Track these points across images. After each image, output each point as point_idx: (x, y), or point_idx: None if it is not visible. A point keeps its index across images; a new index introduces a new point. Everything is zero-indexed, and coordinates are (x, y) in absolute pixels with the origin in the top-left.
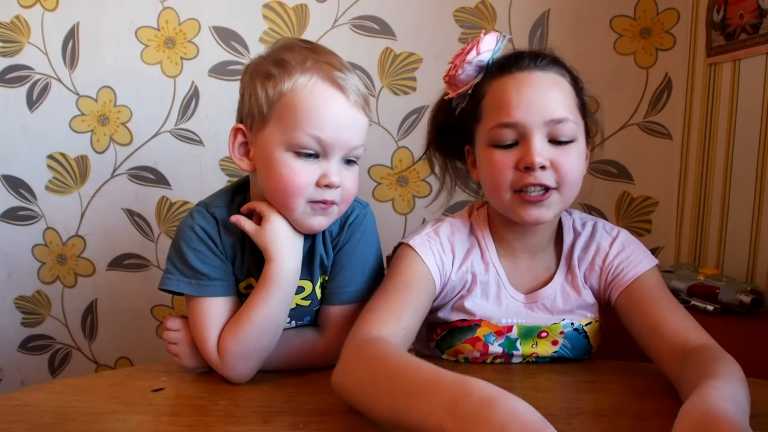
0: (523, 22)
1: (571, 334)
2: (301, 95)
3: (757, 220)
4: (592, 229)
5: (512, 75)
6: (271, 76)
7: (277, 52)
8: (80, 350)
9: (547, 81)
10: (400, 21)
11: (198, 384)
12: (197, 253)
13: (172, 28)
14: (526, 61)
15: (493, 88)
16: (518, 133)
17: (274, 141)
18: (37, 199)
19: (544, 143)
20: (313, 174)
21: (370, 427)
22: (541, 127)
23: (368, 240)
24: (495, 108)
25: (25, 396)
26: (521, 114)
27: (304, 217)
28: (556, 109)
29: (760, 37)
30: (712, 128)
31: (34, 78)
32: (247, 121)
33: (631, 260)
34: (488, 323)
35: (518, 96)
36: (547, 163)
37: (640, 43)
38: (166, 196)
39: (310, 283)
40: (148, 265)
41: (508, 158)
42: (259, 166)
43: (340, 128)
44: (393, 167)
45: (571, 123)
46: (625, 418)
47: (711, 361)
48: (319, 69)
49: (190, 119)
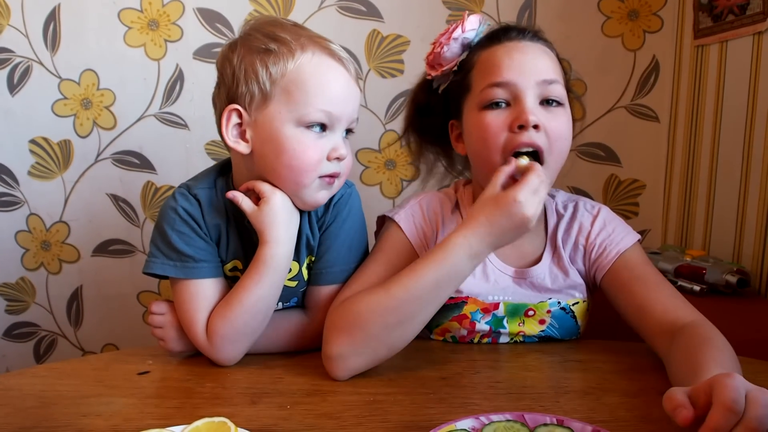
0: (510, 4)
1: (559, 314)
2: (307, 70)
3: (743, 202)
4: (573, 209)
5: (502, 44)
6: (270, 52)
7: (265, 28)
8: (66, 337)
9: (535, 48)
10: (387, 3)
11: (184, 367)
12: (181, 235)
13: (155, 9)
14: (514, 32)
15: (482, 57)
16: (510, 93)
17: (282, 118)
18: (19, 184)
19: (536, 104)
20: (324, 147)
21: (356, 406)
22: (533, 87)
23: (354, 219)
24: (486, 72)
25: (9, 380)
26: (513, 74)
27: (313, 192)
28: (547, 71)
29: (747, 18)
30: (699, 110)
31: (15, 61)
32: (243, 101)
33: (612, 238)
34: (475, 300)
35: (509, 59)
36: (540, 123)
37: (628, 26)
38: (152, 181)
39: (296, 264)
40: (133, 251)
41: (500, 119)
42: (262, 146)
43: (347, 101)
44: (381, 150)
45: (561, 86)
46: (613, 396)
47: (700, 344)
48: (316, 44)
49: (174, 103)
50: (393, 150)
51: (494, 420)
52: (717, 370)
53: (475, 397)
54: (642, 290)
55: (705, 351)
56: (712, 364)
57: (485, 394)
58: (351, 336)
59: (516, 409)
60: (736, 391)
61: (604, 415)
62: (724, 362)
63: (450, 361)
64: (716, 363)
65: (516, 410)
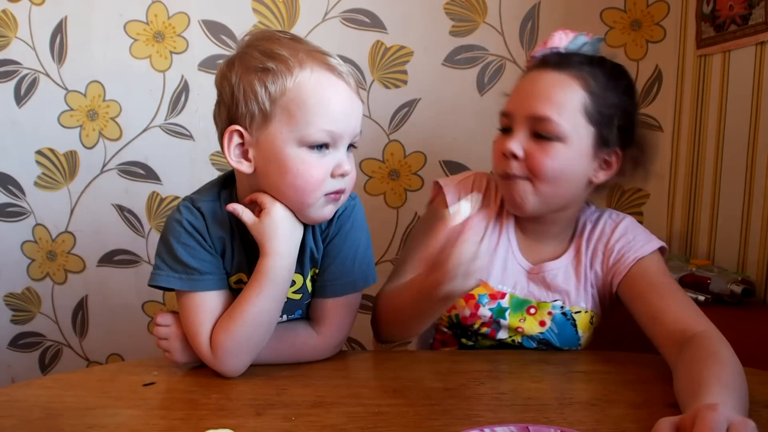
0: (513, 15)
1: (559, 318)
2: (306, 89)
3: (748, 211)
4: (597, 217)
5: (531, 71)
6: (269, 71)
7: (262, 45)
8: (71, 347)
9: (551, 80)
10: (390, 14)
11: (189, 378)
12: (186, 248)
13: (161, 22)
14: (551, 59)
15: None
16: (510, 122)
17: (284, 138)
18: (25, 195)
19: (524, 135)
20: (328, 166)
21: (360, 418)
22: (523, 119)
23: (358, 231)
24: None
25: (15, 391)
26: (512, 105)
27: (318, 209)
28: (541, 107)
29: (749, 28)
30: (703, 120)
31: (22, 73)
32: (244, 121)
33: (632, 245)
34: (485, 284)
35: (518, 89)
36: (520, 153)
37: (631, 36)
38: (157, 192)
39: (300, 277)
40: (138, 261)
41: (500, 143)
42: (265, 166)
43: (349, 117)
44: (384, 161)
45: (554, 124)
46: (617, 407)
47: (705, 358)
48: (315, 58)
49: (180, 114)
50: (397, 160)
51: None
52: (717, 390)
53: (479, 409)
54: (655, 299)
55: (709, 366)
56: (714, 382)
57: (489, 405)
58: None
59: (520, 420)
60: (717, 425)
61: (609, 426)
62: (727, 380)
63: (454, 373)
64: (718, 381)
65: (520, 422)
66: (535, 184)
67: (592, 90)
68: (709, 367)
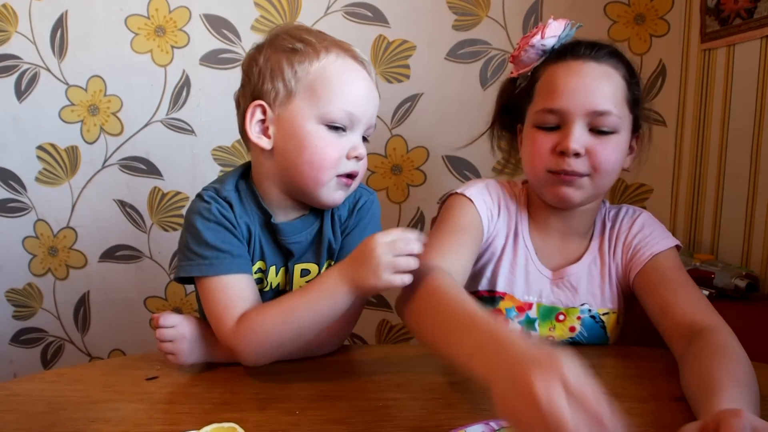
0: (517, 9)
1: (588, 321)
2: (332, 69)
3: (752, 206)
4: (616, 213)
5: (566, 62)
6: (297, 51)
7: (293, 31)
8: (73, 343)
9: (597, 72)
10: (393, 8)
11: (193, 372)
12: (216, 233)
13: (162, 16)
14: (582, 49)
15: (546, 72)
16: (560, 118)
17: (305, 114)
18: (27, 190)
19: (583, 131)
20: (344, 146)
21: (365, 412)
22: (582, 116)
23: (374, 228)
24: (544, 92)
25: (17, 386)
26: (565, 102)
27: (330, 191)
28: (601, 101)
29: (754, 21)
30: (707, 114)
31: (23, 68)
32: (267, 98)
33: (649, 240)
34: (511, 297)
35: (566, 84)
36: (582, 151)
37: (635, 30)
38: (158, 187)
39: (316, 266)
40: (140, 257)
41: (548, 141)
42: (284, 142)
43: (368, 104)
44: (387, 156)
45: (614, 116)
46: (623, 401)
47: (714, 353)
48: (340, 47)
49: (181, 109)
50: (399, 155)
51: (504, 425)
52: (732, 390)
53: (485, 403)
54: (667, 292)
55: (721, 362)
56: (727, 381)
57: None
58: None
59: None
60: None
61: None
62: (740, 377)
63: None
64: (732, 379)
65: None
66: (594, 179)
67: (625, 77)
68: (721, 363)
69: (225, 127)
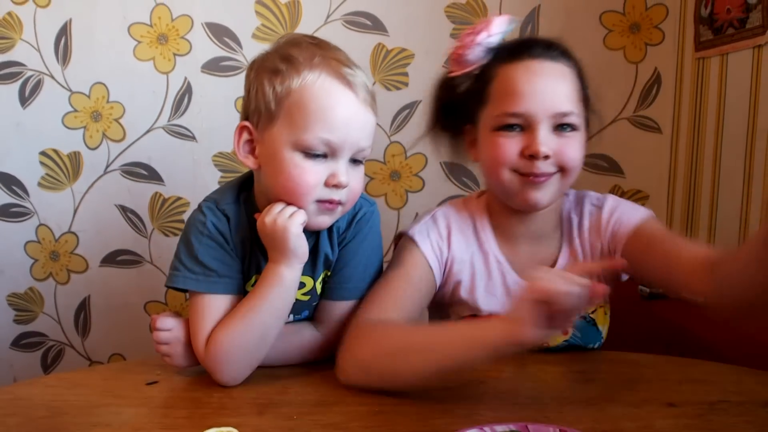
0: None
1: (579, 323)
2: (310, 93)
3: (746, 212)
4: (580, 206)
5: (523, 62)
6: (279, 72)
7: (284, 48)
8: (73, 347)
9: (555, 72)
10: (392, 17)
11: (192, 377)
12: (208, 249)
13: (164, 24)
14: (539, 49)
15: (502, 73)
16: (525, 121)
17: (282, 140)
18: (29, 195)
19: (548, 132)
20: (322, 173)
21: (362, 417)
22: (547, 117)
23: (373, 239)
24: (504, 95)
25: (19, 390)
26: (529, 104)
27: (310, 216)
28: (563, 102)
29: (747, 31)
30: (701, 122)
31: (27, 74)
32: (254, 119)
33: (623, 218)
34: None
35: (528, 85)
36: (551, 153)
37: (630, 38)
38: (159, 192)
39: (311, 280)
40: (141, 262)
41: (513, 144)
42: (266, 164)
43: (350, 129)
44: (386, 162)
45: (575, 115)
46: (616, 406)
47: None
48: (327, 65)
49: (183, 115)
50: (398, 161)
51: (498, 430)
52: None
53: (480, 408)
54: (665, 246)
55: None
56: None
57: (490, 404)
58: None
59: (520, 419)
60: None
61: (608, 425)
62: None
63: None
64: None
65: (520, 420)
66: (561, 178)
67: (578, 75)
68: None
69: (226, 133)
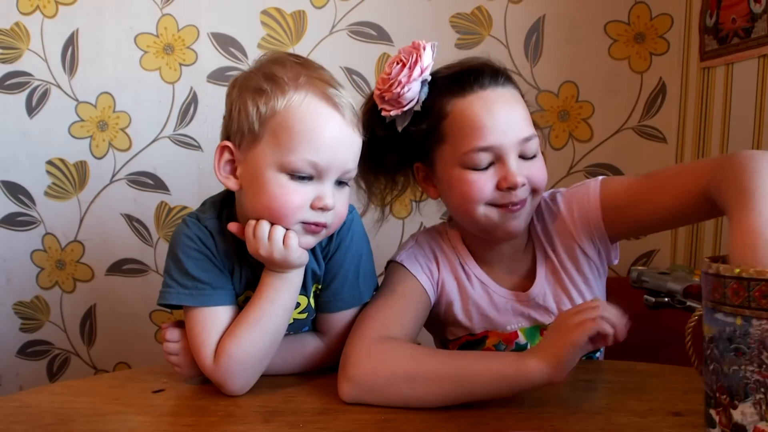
0: (518, 28)
1: None
2: (295, 114)
3: None
4: (538, 212)
5: (475, 94)
6: (263, 92)
7: (267, 66)
8: (79, 355)
9: (509, 98)
10: (396, 27)
11: (198, 385)
12: (196, 262)
13: (171, 34)
14: (486, 78)
15: (457, 109)
16: (494, 154)
17: (266, 161)
18: (36, 204)
19: (517, 160)
20: (308, 195)
21: (367, 425)
22: (514, 146)
23: (357, 244)
24: (466, 131)
25: (26, 397)
26: (495, 137)
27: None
28: (524, 127)
29: (752, 41)
30: (706, 131)
31: (34, 84)
32: (235, 139)
33: (584, 202)
34: (494, 333)
35: (489, 118)
36: (525, 180)
37: (635, 48)
38: (165, 202)
39: (305, 298)
40: (147, 270)
41: (486, 179)
42: (248, 185)
43: (337, 151)
44: None
45: (535, 138)
46: (622, 416)
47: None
48: (313, 85)
49: (188, 125)
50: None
51: None
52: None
53: (486, 417)
54: (650, 180)
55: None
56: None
57: (495, 413)
58: (394, 377)
59: (526, 428)
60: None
61: None
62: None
63: None
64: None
65: (526, 430)
66: (532, 200)
67: (521, 94)
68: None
69: None
